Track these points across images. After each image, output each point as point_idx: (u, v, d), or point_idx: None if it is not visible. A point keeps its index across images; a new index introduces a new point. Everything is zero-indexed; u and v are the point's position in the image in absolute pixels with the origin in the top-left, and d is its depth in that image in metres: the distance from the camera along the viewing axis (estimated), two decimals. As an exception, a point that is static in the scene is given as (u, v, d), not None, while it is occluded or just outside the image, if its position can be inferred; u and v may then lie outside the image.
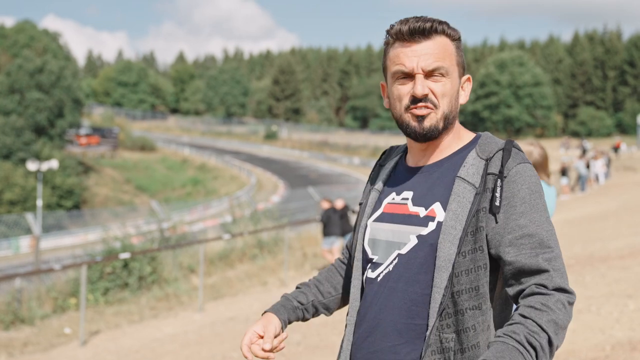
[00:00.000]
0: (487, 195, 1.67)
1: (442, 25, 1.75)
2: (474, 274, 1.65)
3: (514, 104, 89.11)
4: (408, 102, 1.73)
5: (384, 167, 1.98)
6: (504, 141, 1.75)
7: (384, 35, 1.82)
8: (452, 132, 1.80)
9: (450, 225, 1.66)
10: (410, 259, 1.72)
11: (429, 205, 1.73)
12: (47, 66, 57.47)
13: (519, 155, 1.71)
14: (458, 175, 1.71)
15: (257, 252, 15.63)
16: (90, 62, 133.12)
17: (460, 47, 1.80)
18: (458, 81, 1.78)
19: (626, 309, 6.74)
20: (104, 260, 11.16)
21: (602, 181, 30.29)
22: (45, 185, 45.05)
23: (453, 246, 1.65)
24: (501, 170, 1.67)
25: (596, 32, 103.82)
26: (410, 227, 1.74)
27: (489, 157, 1.71)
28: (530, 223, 1.64)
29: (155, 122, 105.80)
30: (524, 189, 1.66)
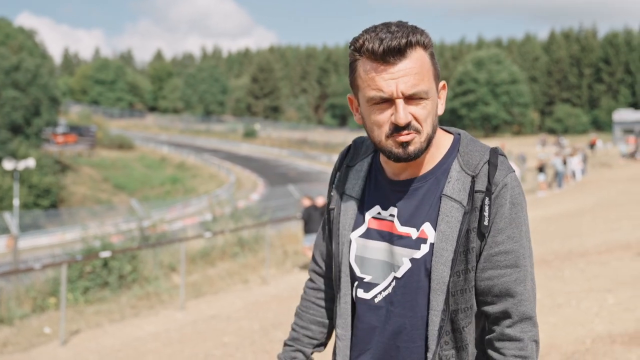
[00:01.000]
0: (476, 214, 1.62)
1: (416, 36, 1.58)
2: (469, 293, 1.64)
3: (492, 102, 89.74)
4: (389, 130, 1.61)
5: (353, 169, 1.85)
6: (488, 150, 1.68)
7: (350, 49, 1.66)
8: (433, 142, 1.70)
9: (441, 247, 1.63)
10: (406, 283, 1.69)
11: (419, 225, 1.68)
12: (23, 64, 56.81)
13: (504, 166, 1.65)
14: (444, 193, 1.65)
15: (238, 250, 15.60)
16: (67, 60, 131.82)
17: (434, 54, 1.66)
18: (436, 96, 1.67)
19: (605, 304, 6.83)
20: (84, 259, 11.08)
21: (579, 178, 30.62)
22: (22, 184, 44.54)
23: (446, 268, 1.62)
24: (488, 188, 1.62)
25: (572, 31, 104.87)
26: (403, 250, 1.69)
27: (474, 173, 1.64)
28: (507, 239, 1.62)
29: (133, 121, 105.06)
30: (507, 203, 1.63)
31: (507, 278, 1.62)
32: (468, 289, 1.63)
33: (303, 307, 1.98)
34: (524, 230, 1.65)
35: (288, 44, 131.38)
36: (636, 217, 14.70)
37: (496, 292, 1.63)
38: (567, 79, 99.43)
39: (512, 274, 1.62)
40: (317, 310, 1.96)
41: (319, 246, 1.99)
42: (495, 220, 1.62)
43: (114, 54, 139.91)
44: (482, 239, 1.63)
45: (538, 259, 10.38)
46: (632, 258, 9.34)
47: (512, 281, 1.62)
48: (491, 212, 1.62)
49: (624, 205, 17.68)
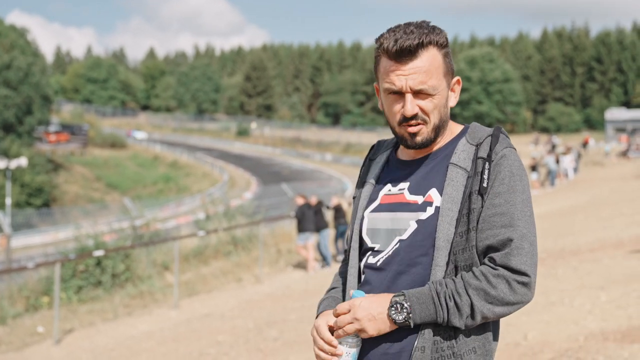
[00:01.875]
0: (477, 178, 1.78)
1: (430, 36, 1.80)
2: (469, 252, 1.76)
3: (485, 100, 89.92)
4: (400, 119, 1.83)
5: (374, 161, 2.05)
6: (493, 128, 1.87)
7: (375, 42, 1.88)
8: (446, 131, 1.90)
9: (447, 208, 1.78)
10: (411, 243, 1.82)
11: (425, 192, 1.84)
12: (15, 62, 56.56)
13: (506, 141, 1.83)
14: (451, 162, 1.82)
15: (231, 249, 15.59)
16: (59, 58, 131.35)
17: (449, 53, 1.86)
18: (447, 90, 1.87)
19: (598, 301, 6.86)
20: (78, 258, 11.05)
21: (571, 176, 30.72)
22: (14, 183, 44.37)
23: (451, 227, 1.77)
24: (489, 154, 1.79)
25: (564, 29, 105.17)
26: (409, 214, 1.84)
27: (479, 142, 1.83)
28: (504, 202, 1.75)
29: (126, 119, 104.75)
30: (505, 171, 1.78)
31: (502, 237, 1.73)
32: (468, 247, 1.76)
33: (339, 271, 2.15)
34: (522, 198, 1.77)
35: (281, 42, 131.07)
36: (628, 215, 14.76)
37: (491, 247, 1.74)
38: (559, 78, 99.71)
39: (506, 233, 1.73)
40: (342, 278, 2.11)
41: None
42: (494, 184, 1.77)
43: (106, 53, 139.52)
44: (479, 199, 1.77)
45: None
46: (624, 256, 9.38)
47: (505, 238, 1.72)
48: (490, 176, 1.78)
49: (616, 204, 17.75)
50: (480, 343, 1.77)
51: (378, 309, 1.74)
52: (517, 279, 1.69)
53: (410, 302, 1.71)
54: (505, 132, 1.87)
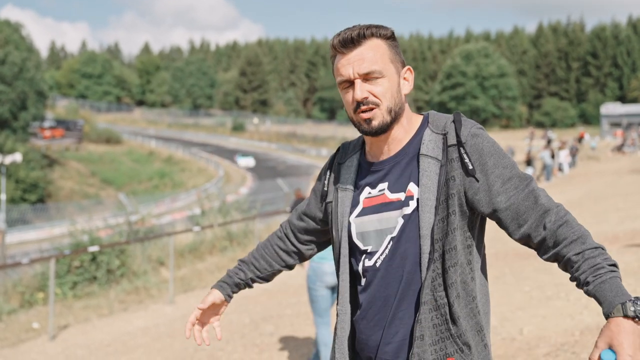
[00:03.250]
0: (455, 164, 1.84)
1: (370, 29, 1.88)
2: (451, 235, 1.82)
3: (480, 95, 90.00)
4: (354, 107, 1.90)
5: (344, 165, 2.09)
6: (452, 115, 1.93)
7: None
8: (403, 120, 1.95)
9: (425, 197, 1.84)
10: (400, 237, 1.89)
11: (405, 187, 1.90)
12: (9, 58, 56.35)
13: (468, 122, 1.89)
14: (421, 153, 1.88)
15: (226, 244, 15.57)
16: (54, 53, 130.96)
17: (394, 44, 1.93)
18: (396, 76, 1.92)
19: (594, 295, 6.86)
20: (73, 253, 11.01)
21: (566, 171, 30.76)
22: (9, 179, 44.24)
23: (431, 215, 1.83)
24: (459, 140, 1.85)
25: (560, 24, 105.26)
26: (395, 212, 1.90)
27: (444, 131, 1.88)
28: (504, 169, 1.84)
29: (121, 114, 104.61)
30: (486, 145, 1.85)
31: (522, 193, 1.83)
32: (450, 231, 1.82)
33: (263, 244, 2.34)
34: (511, 160, 1.87)
35: (276, 37, 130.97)
36: (623, 209, 14.78)
37: (523, 210, 1.82)
38: (555, 73, 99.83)
39: (525, 188, 1.83)
40: (271, 252, 2.30)
41: (300, 210, 2.30)
42: (484, 160, 1.84)
43: (101, 48, 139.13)
44: (474, 180, 1.83)
45: (527, 251, 10.43)
46: (619, 250, 9.39)
47: (530, 191, 1.83)
48: (471, 157, 1.84)
49: (611, 198, 17.77)
50: (476, 329, 1.86)
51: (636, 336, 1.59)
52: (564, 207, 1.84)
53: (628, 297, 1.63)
54: (464, 116, 1.93)
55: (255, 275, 2.27)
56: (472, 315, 1.85)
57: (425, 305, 1.81)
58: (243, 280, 2.25)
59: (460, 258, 1.83)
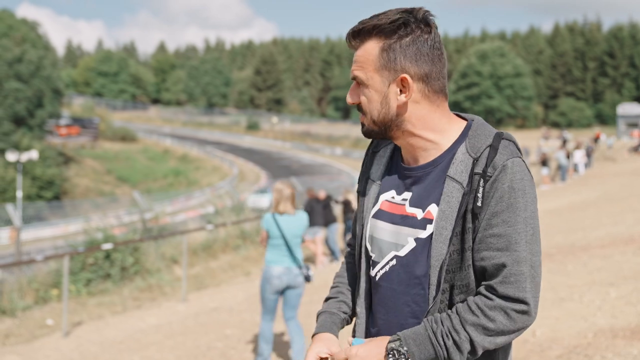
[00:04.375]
0: (472, 195, 1.66)
1: (375, 28, 1.70)
2: (465, 272, 1.67)
3: (495, 95, 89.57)
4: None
5: (378, 154, 1.94)
6: (493, 134, 1.70)
7: None
8: (416, 131, 1.76)
9: (441, 226, 1.68)
10: (409, 262, 1.74)
11: (425, 207, 1.73)
12: (26, 56, 56.77)
13: (507, 150, 1.67)
14: (447, 174, 1.70)
15: (239, 243, 15.60)
16: (70, 51, 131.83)
17: (392, 47, 1.69)
18: (382, 85, 1.72)
19: (608, 297, 6.81)
20: (86, 251, 11.07)
21: (582, 171, 30.55)
22: (25, 176, 44.58)
23: (444, 245, 1.67)
24: (484, 170, 1.65)
25: (576, 24, 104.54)
26: (408, 229, 1.75)
27: (477, 155, 1.68)
28: (502, 223, 1.62)
29: (136, 113, 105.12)
30: (504, 187, 1.63)
31: (496, 260, 1.62)
32: (464, 267, 1.67)
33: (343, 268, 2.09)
34: (523, 217, 1.63)
35: (289, 35, 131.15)
36: (639, 210, 14.66)
37: (488, 272, 1.64)
38: (571, 73, 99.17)
39: (502, 257, 1.61)
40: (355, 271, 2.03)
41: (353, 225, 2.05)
42: (491, 203, 1.64)
43: (117, 46, 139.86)
44: (474, 219, 1.65)
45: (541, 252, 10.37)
46: (635, 252, 9.31)
47: (503, 263, 1.61)
48: (485, 194, 1.64)
49: (627, 199, 17.63)
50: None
51: (379, 356, 1.65)
52: (515, 307, 1.59)
53: (408, 346, 1.63)
54: (511, 137, 1.72)
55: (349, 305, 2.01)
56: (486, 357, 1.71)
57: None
58: (347, 314, 1.98)
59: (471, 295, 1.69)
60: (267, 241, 6.14)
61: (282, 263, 6.05)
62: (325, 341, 1.84)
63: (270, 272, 6.02)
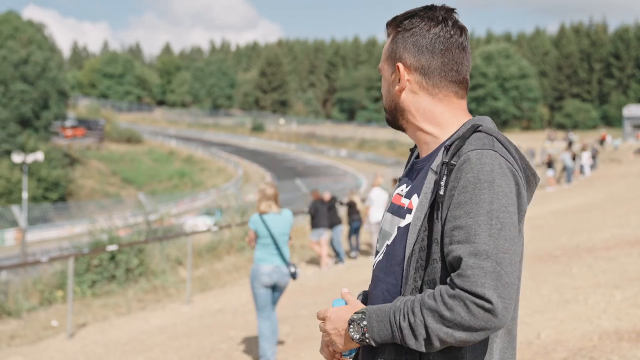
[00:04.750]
0: (439, 184, 1.62)
1: (393, 19, 1.81)
2: (431, 266, 1.61)
3: (501, 96, 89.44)
4: None
5: (411, 154, 1.98)
6: (470, 125, 1.68)
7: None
8: (418, 123, 1.77)
9: (416, 217, 1.65)
10: (392, 250, 1.74)
11: (410, 197, 1.74)
12: (32, 57, 56.96)
13: (479, 142, 1.61)
14: (430, 167, 1.68)
15: (244, 244, 15.60)
16: (76, 53, 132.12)
17: (396, 38, 1.77)
18: (388, 74, 1.81)
19: (613, 299, 6.79)
20: (91, 252, 11.09)
21: (588, 173, 30.48)
22: (31, 177, 44.72)
23: (413, 235, 1.64)
24: (450, 159, 1.61)
25: (582, 25, 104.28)
26: (394, 218, 1.79)
27: (449, 145, 1.65)
28: (464, 214, 1.54)
29: (142, 114, 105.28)
30: (468, 177, 1.55)
31: (455, 253, 1.53)
32: (431, 261, 1.60)
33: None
34: (487, 209, 1.52)
35: (294, 37, 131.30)
36: (645, 212, 14.60)
37: (452, 265, 1.56)
38: (577, 74, 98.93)
39: (460, 249, 1.52)
40: None
41: None
42: (455, 193, 1.57)
43: (122, 48, 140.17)
44: (439, 209, 1.60)
45: (546, 254, 10.34)
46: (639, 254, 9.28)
47: (463, 255, 1.51)
48: (449, 183, 1.59)
49: (633, 201, 17.58)
50: None
51: (343, 324, 1.67)
52: (475, 301, 1.45)
53: (369, 320, 1.60)
54: (491, 131, 1.65)
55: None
56: (450, 355, 1.60)
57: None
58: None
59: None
60: (255, 241, 6.28)
61: (272, 262, 6.21)
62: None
63: (260, 269, 6.16)
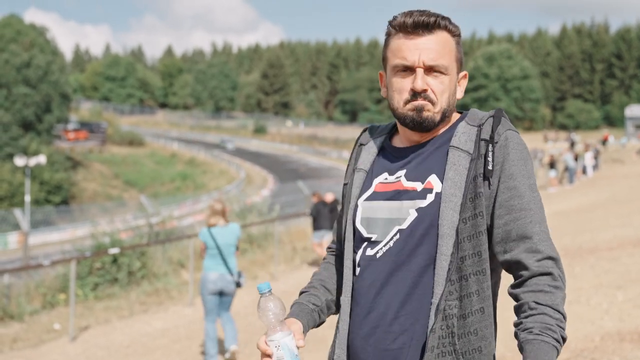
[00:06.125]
0: (482, 160, 1.70)
1: (445, 21, 1.77)
2: (476, 239, 1.67)
3: (503, 97, 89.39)
4: (408, 96, 1.76)
5: (365, 147, 1.96)
6: (494, 110, 1.80)
7: (386, 26, 1.83)
8: (447, 123, 1.84)
9: (450, 193, 1.69)
10: (411, 232, 1.72)
11: (424, 178, 1.75)
12: (34, 61, 57.06)
13: (508, 123, 1.76)
14: (451, 145, 1.74)
15: (246, 247, 15.60)
16: (78, 56, 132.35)
17: (460, 44, 1.83)
18: (456, 77, 1.81)
19: (615, 300, 6.78)
20: (93, 255, 11.10)
21: (590, 173, 30.44)
22: (33, 180, 44.76)
23: (455, 213, 1.68)
24: (492, 136, 1.71)
25: (584, 25, 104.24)
26: (408, 202, 1.75)
27: (480, 123, 1.75)
28: (519, 184, 1.68)
29: (144, 117, 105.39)
30: (514, 152, 1.70)
31: (523, 221, 1.67)
32: (476, 234, 1.67)
33: (323, 267, 2.05)
34: (532, 182, 1.71)
35: (296, 39, 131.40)
36: (648, 213, 14.58)
37: (514, 237, 1.67)
38: (578, 75, 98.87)
39: (527, 216, 1.67)
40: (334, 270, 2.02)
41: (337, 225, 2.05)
42: (505, 166, 1.70)
43: (125, 51, 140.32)
44: (486, 184, 1.69)
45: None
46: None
47: (528, 222, 1.66)
48: (495, 158, 1.70)
49: (635, 201, 17.56)
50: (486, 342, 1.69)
51: None
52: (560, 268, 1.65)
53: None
54: (506, 115, 1.80)
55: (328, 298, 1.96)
56: (481, 331, 1.67)
57: (440, 314, 1.64)
58: (318, 307, 1.92)
59: (484, 266, 1.66)
60: (205, 252, 6.93)
61: (218, 270, 6.83)
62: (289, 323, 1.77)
63: (207, 277, 6.80)
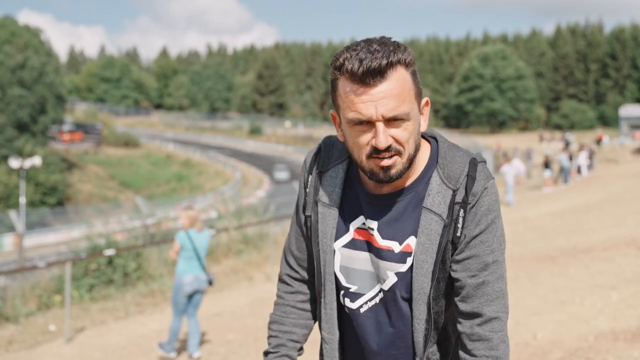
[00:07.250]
0: (453, 226, 1.64)
1: (397, 55, 1.54)
2: (440, 300, 1.70)
3: (498, 98, 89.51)
4: (370, 151, 1.58)
5: (325, 174, 1.79)
6: (467, 162, 1.66)
7: (331, 67, 1.63)
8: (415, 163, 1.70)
9: (421, 259, 1.65)
10: (394, 295, 1.71)
11: (402, 239, 1.68)
12: (29, 62, 56.93)
13: (483, 175, 1.65)
14: (424, 205, 1.65)
15: (242, 248, 15.60)
16: (73, 58, 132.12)
17: (416, 72, 1.61)
18: (419, 114, 1.64)
19: (609, 300, 6.81)
20: (89, 257, 11.09)
21: (585, 173, 30.51)
22: (29, 182, 44.67)
23: (426, 279, 1.65)
24: (464, 199, 1.63)
25: (578, 26, 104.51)
26: (387, 263, 1.70)
27: (455, 187, 1.64)
28: (479, 244, 1.64)
29: (139, 118, 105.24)
30: (482, 210, 1.64)
31: (476, 280, 1.65)
32: (439, 296, 1.70)
33: (282, 312, 1.94)
34: (498, 235, 1.66)
35: (291, 40, 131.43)
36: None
37: (466, 293, 1.66)
38: (573, 75, 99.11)
39: (481, 276, 1.65)
40: (299, 313, 1.93)
41: (292, 252, 1.92)
42: (470, 226, 1.64)
43: (119, 52, 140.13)
44: (453, 249, 1.66)
45: (543, 255, 10.36)
46: (636, 254, 9.30)
47: (480, 283, 1.65)
48: (465, 222, 1.64)
49: (630, 201, 17.61)
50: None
51: None
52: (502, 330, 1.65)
53: None
54: (482, 158, 1.68)
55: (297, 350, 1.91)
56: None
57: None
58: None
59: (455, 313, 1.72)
60: (178, 253, 7.25)
61: (192, 272, 7.19)
62: None
63: (182, 280, 7.14)
